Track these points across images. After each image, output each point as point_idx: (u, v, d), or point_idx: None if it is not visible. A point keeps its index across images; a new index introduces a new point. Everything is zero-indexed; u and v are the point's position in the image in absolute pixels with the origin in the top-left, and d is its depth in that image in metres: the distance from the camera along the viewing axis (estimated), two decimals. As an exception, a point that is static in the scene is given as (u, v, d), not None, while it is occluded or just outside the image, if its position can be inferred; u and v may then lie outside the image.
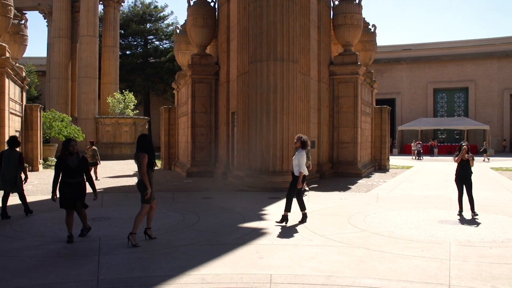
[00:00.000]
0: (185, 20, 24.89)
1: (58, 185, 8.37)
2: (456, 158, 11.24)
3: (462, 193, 11.12)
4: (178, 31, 29.05)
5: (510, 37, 52.35)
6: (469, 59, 52.30)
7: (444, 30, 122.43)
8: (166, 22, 63.26)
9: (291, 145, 16.49)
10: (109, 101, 41.40)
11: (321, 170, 21.09)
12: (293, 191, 10.07)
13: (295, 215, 10.21)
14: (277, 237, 8.63)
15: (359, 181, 19.84)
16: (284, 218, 9.88)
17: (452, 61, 52.90)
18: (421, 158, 39.35)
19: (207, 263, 6.81)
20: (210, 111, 22.67)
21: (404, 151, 45.08)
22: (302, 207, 10.14)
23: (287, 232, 9.04)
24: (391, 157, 32.02)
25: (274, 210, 11.62)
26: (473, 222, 10.10)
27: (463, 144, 11.29)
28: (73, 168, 8.37)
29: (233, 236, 8.69)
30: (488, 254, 7.37)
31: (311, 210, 11.56)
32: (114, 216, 10.85)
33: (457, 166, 11.27)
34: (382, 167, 27.49)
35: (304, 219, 10.03)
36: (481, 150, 40.23)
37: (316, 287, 5.82)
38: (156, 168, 8.66)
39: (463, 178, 11.10)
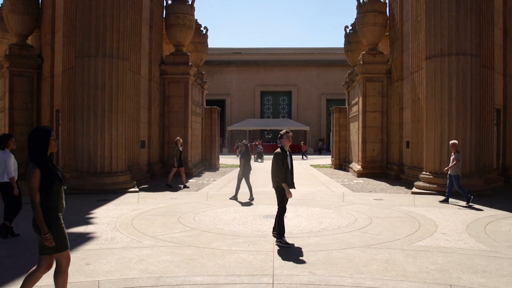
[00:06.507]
0: (2, 4, 22.58)
1: None
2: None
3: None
4: (-7, 17, 26.23)
5: (325, 48, 57.91)
6: (293, 65, 56.53)
7: (271, 36, 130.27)
8: (-22, 5, 56.57)
9: (120, 145, 16.04)
10: None
11: (151, 170, 20.87)
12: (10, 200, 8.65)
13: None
14: (105, 241, 8.32)
15: (190, 180, 20.09)
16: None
17: (277, 66, 56.59)
18: (262, 159, 37.91)
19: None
20: (32, 108, 20.91)
21: (234, 150, 46.80)
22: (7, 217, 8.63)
23: (116, 235, 8.77)
24: (221, 157, 33.03)
25: (103, 213, 11.18)
26: (294, 215, 10.93)
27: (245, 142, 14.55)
28: None
29: (57, 242, 8.13)
30: (306, 243, 8.09)
31: (141, 211, 11.40)
32: None
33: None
34: (213, 166, 28.27)
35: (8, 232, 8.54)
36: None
37: (146, 289, 5.75)
38: None
39: None
